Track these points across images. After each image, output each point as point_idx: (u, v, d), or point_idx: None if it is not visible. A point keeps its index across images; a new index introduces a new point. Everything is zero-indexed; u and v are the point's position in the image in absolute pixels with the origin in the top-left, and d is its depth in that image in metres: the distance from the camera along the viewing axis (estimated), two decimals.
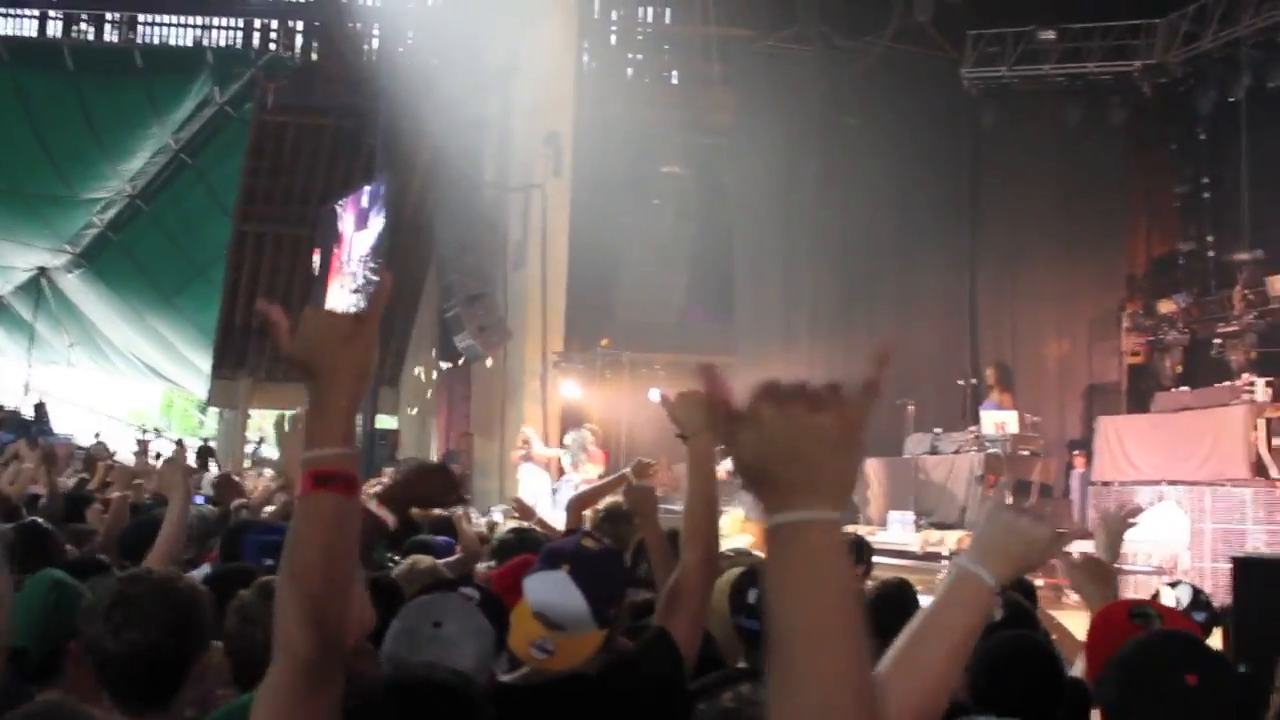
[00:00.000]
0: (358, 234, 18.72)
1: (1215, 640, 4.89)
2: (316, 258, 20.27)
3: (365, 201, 18.61)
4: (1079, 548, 4.97)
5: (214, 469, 11.33)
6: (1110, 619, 2.81)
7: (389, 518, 2.95)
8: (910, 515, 14.98)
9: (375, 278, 17.33)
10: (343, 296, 18.70)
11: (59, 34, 22.96)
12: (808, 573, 1.25)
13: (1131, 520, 3.87)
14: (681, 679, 2.85)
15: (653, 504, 3.98)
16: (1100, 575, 3.33)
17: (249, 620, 2.86)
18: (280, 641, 1.82)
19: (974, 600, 1.89)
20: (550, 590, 2.70)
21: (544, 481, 15.33)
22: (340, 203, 19.64)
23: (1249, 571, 5.27)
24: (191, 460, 10.44)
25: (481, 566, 5.22)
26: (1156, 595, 4.52)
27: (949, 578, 1.94)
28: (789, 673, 1.23)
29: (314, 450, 1.85)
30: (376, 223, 18.13)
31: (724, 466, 3.79)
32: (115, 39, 23.06)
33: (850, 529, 8.94)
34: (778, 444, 1.26)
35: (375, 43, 21.02)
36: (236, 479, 8.20)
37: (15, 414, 23.36)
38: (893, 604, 3.95)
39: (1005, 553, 1.94)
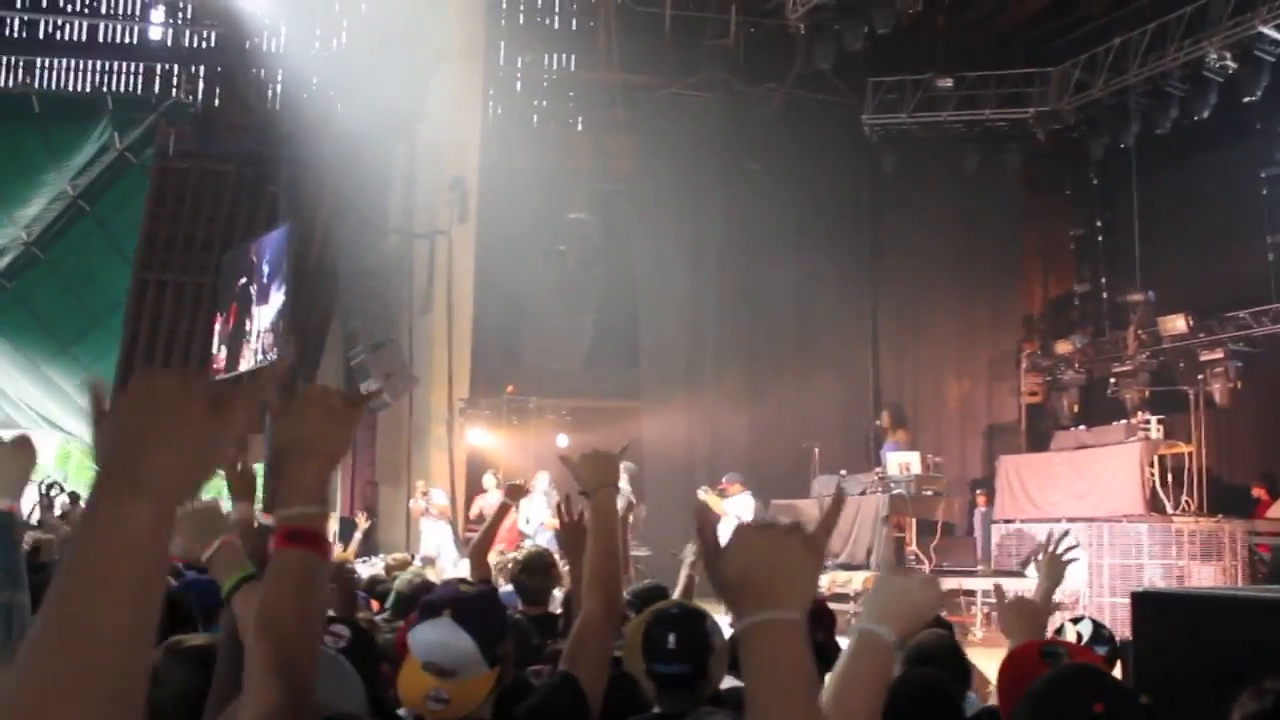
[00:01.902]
0: (259, 308, 18.44)
1: (1116, 672, 4.99)
2: (218, 325, 19.94)
3: (266, 273, 18.33)
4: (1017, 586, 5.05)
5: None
6: (1021, 659, 2.87)
7: None
8: None
9: (278, 354, 17.17)
10: (246, 361, 18.48)
11: None
12: (778, 660, 1.49)
13: (1072, 558, 3.93)
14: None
15: (584, 545, 3.99)
16: (1030, 617, 3.40)
17: (155, 681, 2.81)
18: (249, 690, 1.89)
19: (878, 657, 2.09)
20: (436, 638, 2.70)
21: (446, 534, 15.20)
22: (241, 259, 19.35)
23: (1147, 606, 5.33)
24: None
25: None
26: (1060, 630, 4.62)
27: (853, 640, 2.12)
28: None
29: (285, 509, 1.93)
30: (277, 298, 17.90)
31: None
32: (11, 83, 22.67)
33: None
34: (758, 560, 1.54)
35: (278, 88, 20.84)
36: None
37: None
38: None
39: (899, 612, 2.15)
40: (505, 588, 5.95)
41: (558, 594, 5.78)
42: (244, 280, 18.95)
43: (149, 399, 1.21)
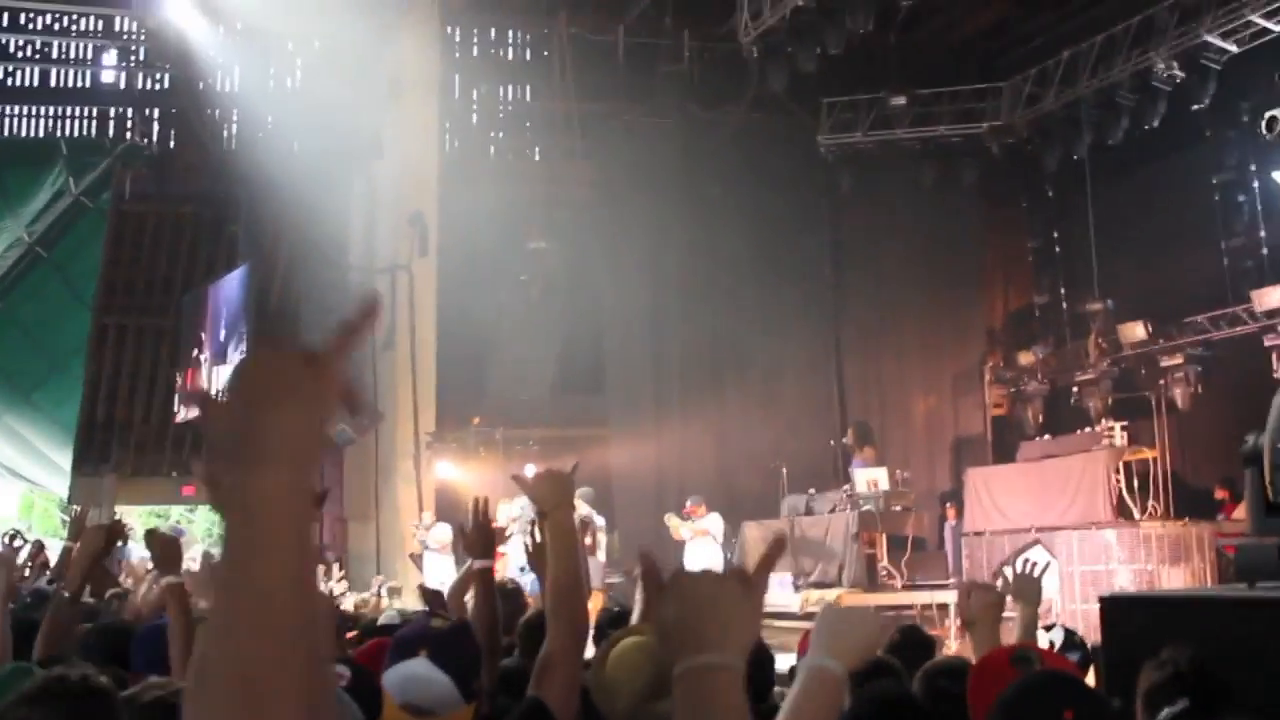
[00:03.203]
0: (216, 368, 18.34)
1: (1089, 678, 5.03)
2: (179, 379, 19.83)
3: (223, 333, 18.20)
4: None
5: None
6: (992, 664, 2.88)
7: None
8: (789, 576, 15.05)
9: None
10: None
11: None
12: (712, 708, 1.47)
13: (1037, 574, 3.95)
14: None
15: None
16: (987, 598, 3.43)
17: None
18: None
19: (829, 689, 2.12)
20: (413, 680, 2.71)
21: (449, 568, 15.09)
22: (200, 303, 19.24)
23: (1116, 610, 5.39)
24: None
25: None
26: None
27: (801, 674, 2.15)
28: None
29: None
30: (234, 358, 17.82)
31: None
32: None
33: None
34: (696, 604, 1.52)
35: (234, 128, 20.81)
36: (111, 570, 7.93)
37: None
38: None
39: (845, 644, 2.18)
40: None
41: None
42: (197, 343, 18.81)
43: (256, 375, 1.24)
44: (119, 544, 5.09)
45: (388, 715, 2.73)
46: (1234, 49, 15.07)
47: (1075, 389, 18.79)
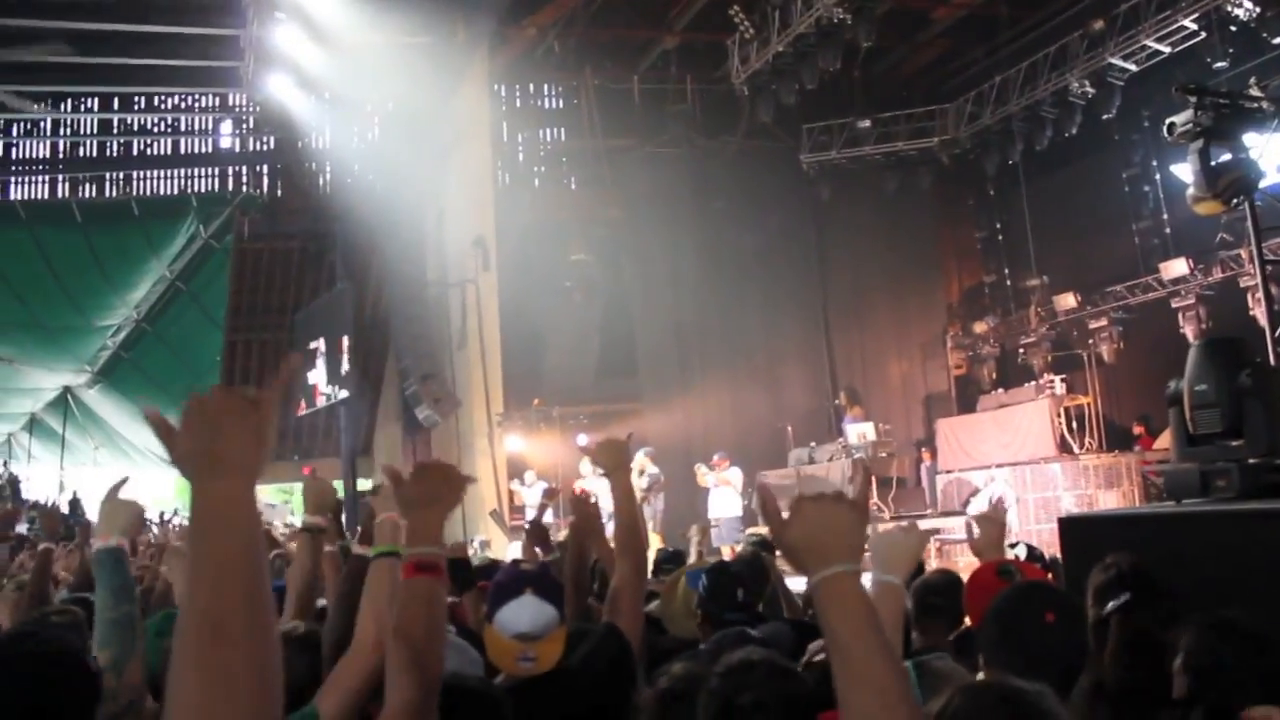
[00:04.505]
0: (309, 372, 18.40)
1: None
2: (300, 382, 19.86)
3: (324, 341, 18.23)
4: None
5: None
6: (982, 578, 2.87)
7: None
8: None
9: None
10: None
11: (66, 193, 22.60)
12: (847, 605, 1.48)
13: (1004, 508, 3.89)
14: (630, 661, 2.91)
15: (598, 526, 3.99)
16: (993, 524, 3.40)
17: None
18: (390, 686, 2.01)
19: (894, 597, 2.30)
20: (527, 614, 2.69)
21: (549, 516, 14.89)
22: (310, 319, 19.28)
23: (1073, 528, 5.33)
24: None
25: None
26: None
27: (876, 591, 2.26)
28: (847, 671, 1.45)
29: (414, 547, 2.10)
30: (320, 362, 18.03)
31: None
32: (114, 193, 22.73)
33: (762, 532, 8.98)
34: (815, 526, 1.54)
35: (328, 176, 20.88)
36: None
37: (55, 507, 22.73)
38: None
39: (897, 559, 2.33)
40: None
41: None
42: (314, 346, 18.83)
43: (208, 408, 1.35)
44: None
45: (496, 644, 2.71)
46: (1133, 68, 14.98)
47: (1021, 350, 18.72)
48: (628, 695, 2.68)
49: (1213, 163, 7.54)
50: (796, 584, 5.79)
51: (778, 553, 1.93)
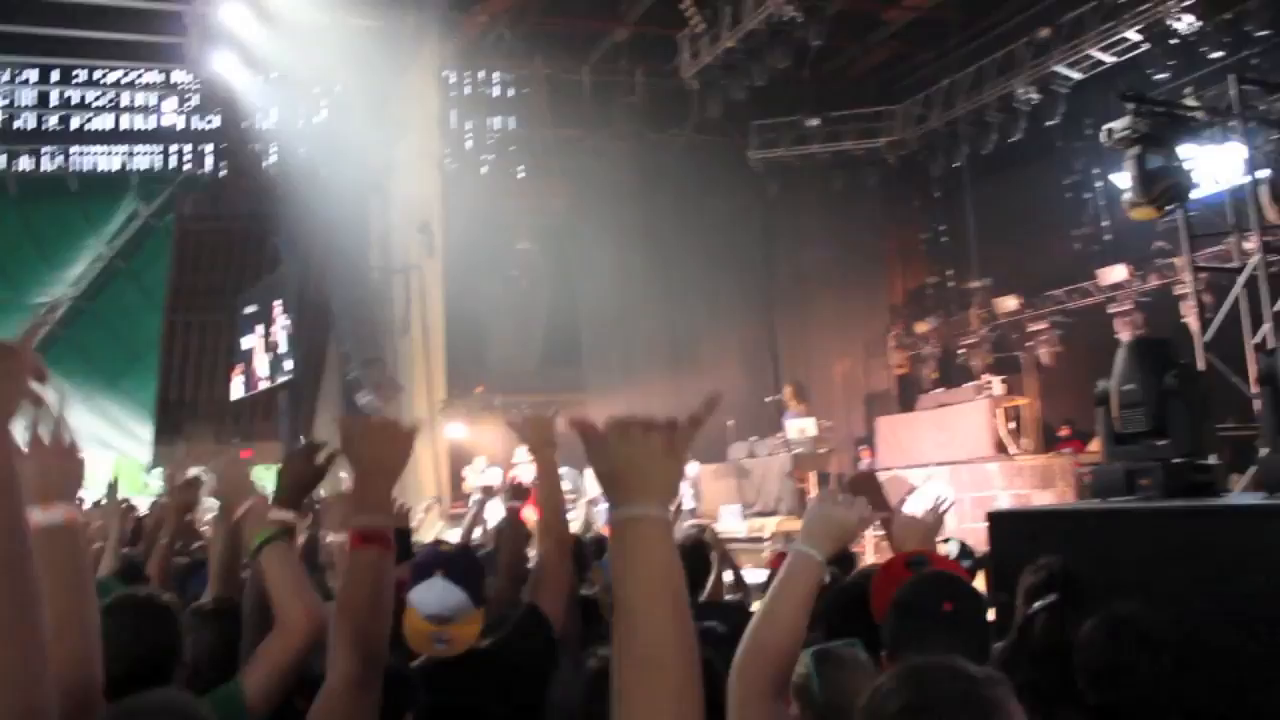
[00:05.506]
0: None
1: (979, 582, 5.03)
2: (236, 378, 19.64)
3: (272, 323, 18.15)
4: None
5: None
6: (891, 568, 2.80)
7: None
8: (737, 507, 15.06)
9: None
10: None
11: (2, 165, 22.14)
12: (640, 552, 1.35)
13: (944, 509, 3.87)
14: (550, 640, 2.91)
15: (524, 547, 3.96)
16: (918, 530, 3.23)
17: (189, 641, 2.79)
18: (332, 660, 1.96)
19: (809, 571, 2.12)
20: (433, 596, 2.68)
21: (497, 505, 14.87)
22: (250, 299, 19.14)
23: (1000, 523, 5.42)
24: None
25: None
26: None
27: (789, 559, 2.15)
28: (628, 624, 1.32)
29: (360, 517, 2.04)
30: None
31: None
32: (52, 167, 22.32)
33: (702, 523, 9.00)
34: (621, 456, 1.39)
35: (273, 158, 20.61)
36: None
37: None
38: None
39: (826, 535, 2.18)
40: None
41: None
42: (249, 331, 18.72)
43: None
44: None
45: (412, 624, 2.70)
46: (1078, 76, 15.19)
47: (962, 350, 18.90)
48: (546, 674, 2.65)
49: (1148, 169, 7.68)
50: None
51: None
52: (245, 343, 19.27)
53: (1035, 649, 2.90)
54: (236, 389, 19.20)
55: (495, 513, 13.29)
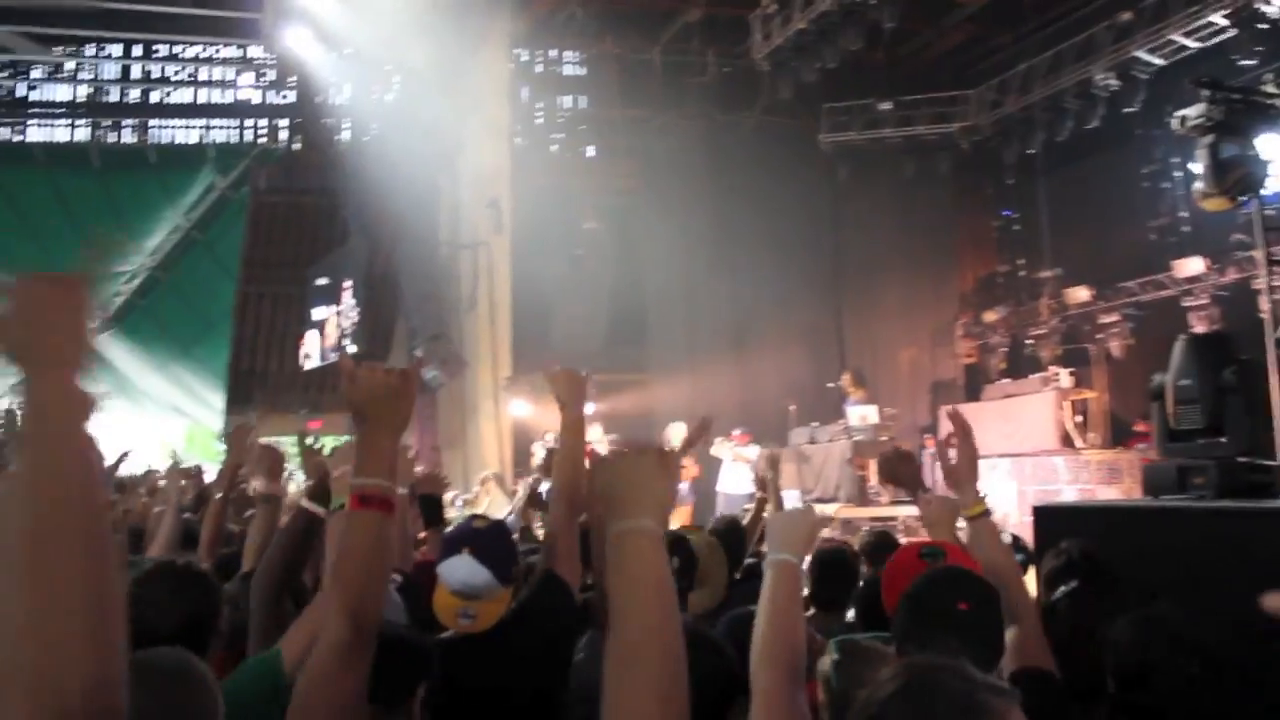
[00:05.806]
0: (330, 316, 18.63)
1: (1029, 577, 4.96)
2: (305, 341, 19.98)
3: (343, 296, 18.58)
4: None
5: None
6: (903, 558, 2.77)
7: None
8: (796, 492, 15.00)
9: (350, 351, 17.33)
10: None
11: (88, 137, 22.70)
12: (634, 564, 1.45)
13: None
14: (572, 605, 2.89)
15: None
16: (946, 509, 3.20)
17: (235, 607, 2.86)
18: (325, 626, 1.92)
19: (788, 574, 2.23)
20: (460, 571, 2.69)
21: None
22: (322, 272, 19.44)
23: (1046, 518, 5.34)
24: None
25: None
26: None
27: (770, 571, 2.24)
28: (621, 628, 1.42)
29: (360, 479, 1.95)
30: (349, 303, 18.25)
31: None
32: (133, 140, 22.82)
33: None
34: (618, 475, 1.50)
35: (346, 133, 20.85)
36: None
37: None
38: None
39: (793, 539, 2.28)
40: None
41: None
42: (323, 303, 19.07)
43: (26, 301, 1.33)
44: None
45: (441, 597, 2.73)
46: (1160, 62, 14.79)
47: (1030, 341, 18.62)
48: (571, 638, 2.60)
49: (1222, 158, 7.49)
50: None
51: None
52: (316, 314, 19.55)
53: (1059, 638, 2.83)
54: (309, 359, 19.49)
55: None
